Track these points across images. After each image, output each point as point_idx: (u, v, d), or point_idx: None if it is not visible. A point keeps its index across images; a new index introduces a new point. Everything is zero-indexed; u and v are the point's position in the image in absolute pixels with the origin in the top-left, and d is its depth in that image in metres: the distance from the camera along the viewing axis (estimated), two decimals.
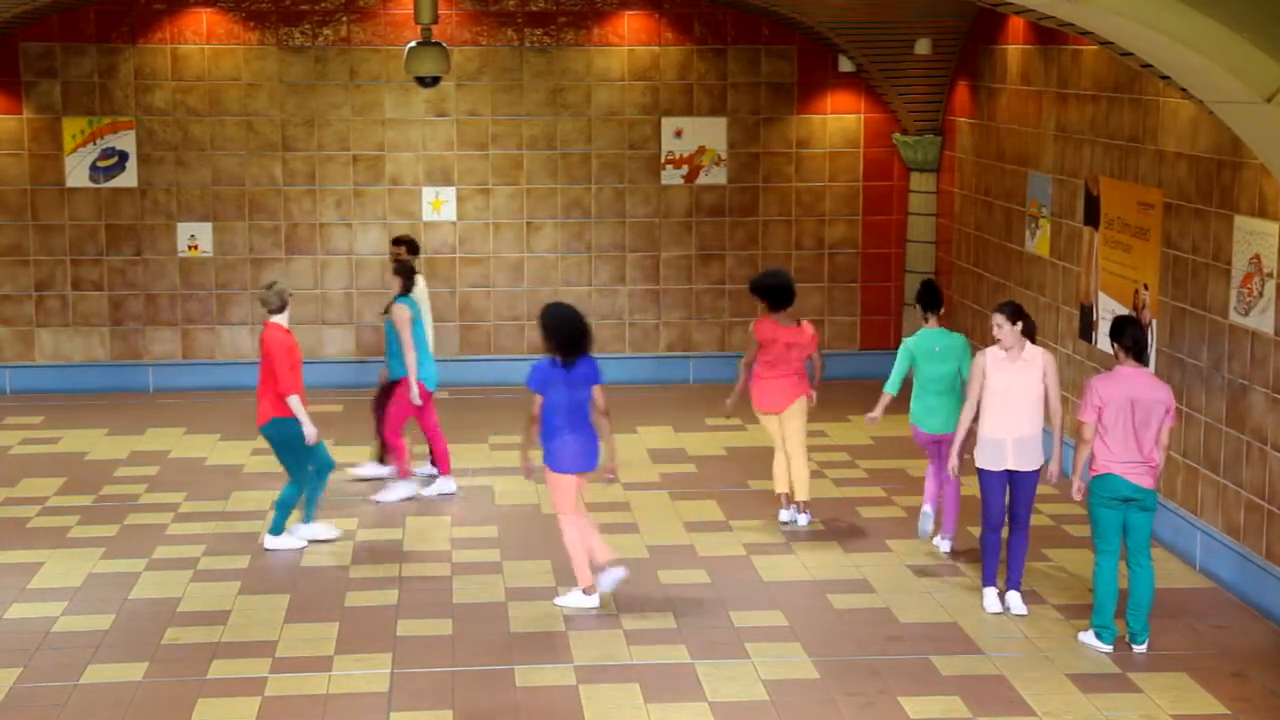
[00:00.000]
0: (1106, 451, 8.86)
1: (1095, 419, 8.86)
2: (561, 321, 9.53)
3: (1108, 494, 8.89)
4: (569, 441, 9.50)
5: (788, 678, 8.60)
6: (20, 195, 15.67)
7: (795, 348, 11.22)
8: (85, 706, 8.16)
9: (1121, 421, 8.81)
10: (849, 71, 16.23)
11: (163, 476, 12.70)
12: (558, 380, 9.47)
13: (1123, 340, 8.92)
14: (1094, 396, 8.86)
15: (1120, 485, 8.87)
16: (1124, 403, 8.81)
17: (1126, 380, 8.87)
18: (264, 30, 15.78)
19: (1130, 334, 8.91)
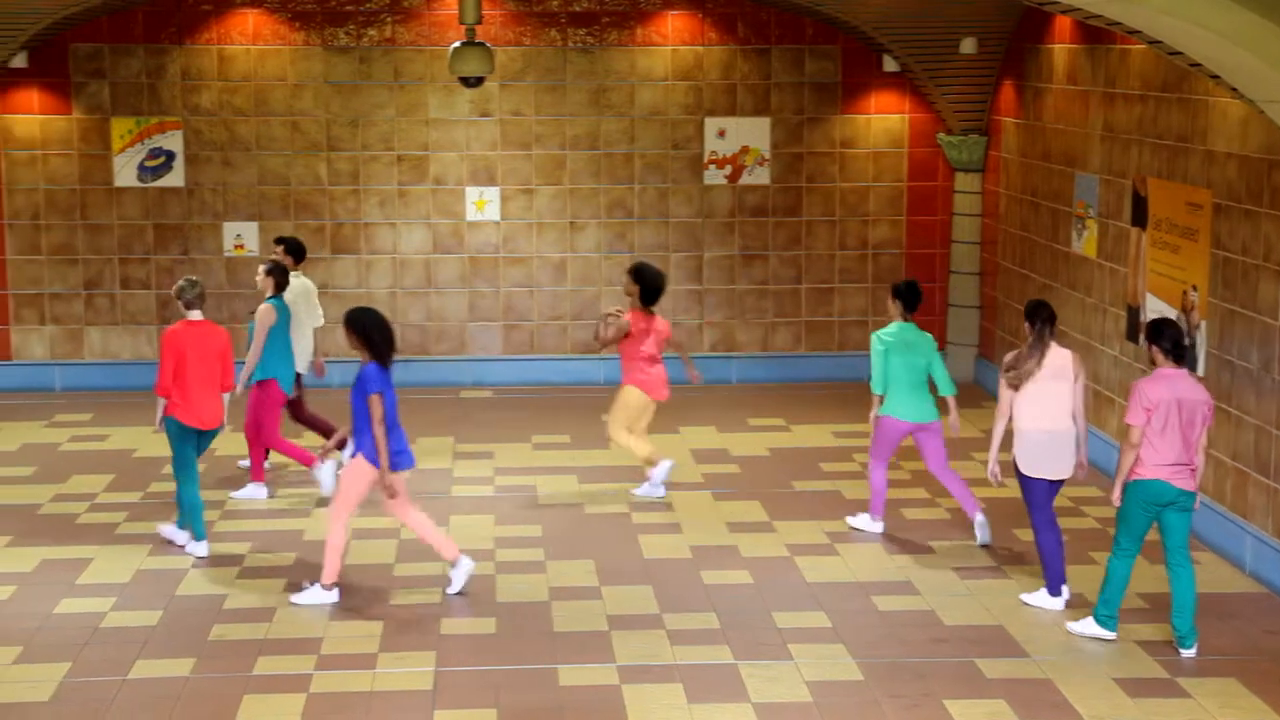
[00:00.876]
0: (1154, 455, 8.81)
1: (1144, 422, 8.79)
2: (383, 323, 9.71)
3: (1149, 498, 8.86)
4: (399, 437, 9.72)
5: (831, 679, 8.58)
6: (70, 195, 15.81)
7: (660, 334, 12.06)
8: (133, 701, 8.22)
9: (1169, 424, 8.76)
10: (894, 71, 16.17)
11: (209, 474, 12.77)
12: (387, 382, 9.65)
13: (1161, 342, 8.87)
14: (1143, 399, 8.79)
15: (1164, 490, 8.83)
16: (1171, 404, 8.76)
17: (1170, 382, 8.81)
18: (309, 31, 15.86)
19: (1169, 336, 8.86)
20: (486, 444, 13.78)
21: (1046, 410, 9.57)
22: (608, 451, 13.56)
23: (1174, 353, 8.85)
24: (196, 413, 10.55)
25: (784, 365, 16.46)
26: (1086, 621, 9.22)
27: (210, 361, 10.60)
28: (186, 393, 10.49)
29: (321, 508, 11.84)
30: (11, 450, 13.51)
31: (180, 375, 10.46)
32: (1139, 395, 8.81)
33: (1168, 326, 8.93)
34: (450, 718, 8.06)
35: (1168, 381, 8.82)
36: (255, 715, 8.05)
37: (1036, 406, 9.57)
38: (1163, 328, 8.92)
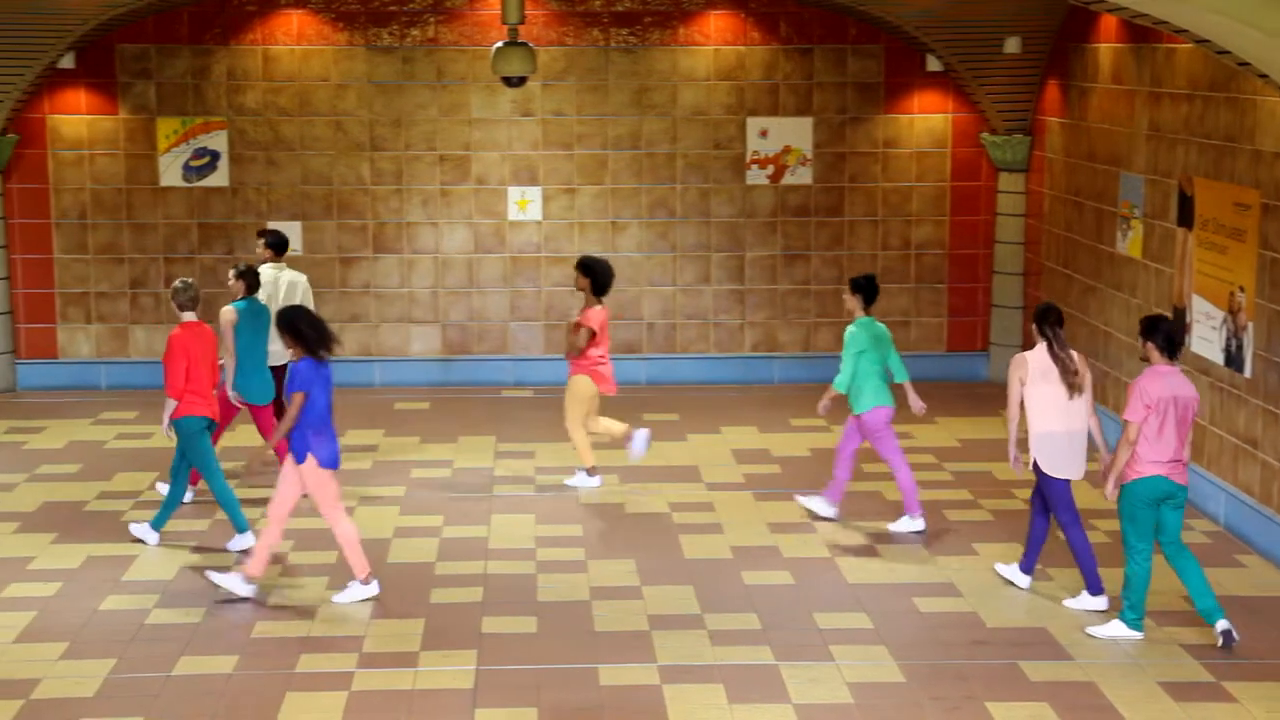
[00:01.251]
0: (1152, 452, 8.86)
1: (1144, 419, 8.82)
2: (311, 318, 9.71)
3: (1152, 495, 8.91)
4: (334, 438, 9.71)
5: (873, 681, 8.55)
6: (116, 194, 15.94)
7: (608, 325, 12.30)
8: (177, 697, 8.27)
9: (1167, 421, 8.82)
10: (937, 71, 16.11)
11: (253, 472, 12.83)
12: (320, 379, 9.61)
13: (1155, 338, 8.91)
14: (1144, 396, 8.83)
15: (1165, 485, 8.90)
16: (1169, 401, 8.83)
17: (1167, 379, 8.88)
18: (353, 31, 15.93)
19: (1164, 331, 8.89)
20: (527, 443, 13.81)
21: (1060, 412, 9.57)
22: (649, 451, 13.56)
23: (1168, 349, 8.90)
24: (207, 407, 10.71)
25: (826, 365, 16.37)
26: (1114, 624, 9.17)
27: (205, 362, 10.75)
28: (195, 390, 10.67)
29: (363, 506, 11.89)
30: (58, 448, 13.63)
31: (188, 375, 10.63)
32: (1140, 392, 8.83)
33: (1162, 322, 8.95)
34: (491, 716, 8.08)
35: (1165, 378, 8.86)
36: (298, 713, 8.09)
37: (1055, 408, 9.56)
38: (1157, 323, 8.95)
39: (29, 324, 16.04)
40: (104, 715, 8.02)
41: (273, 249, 12.86)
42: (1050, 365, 9.56)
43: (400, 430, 14.31)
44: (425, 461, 13.21)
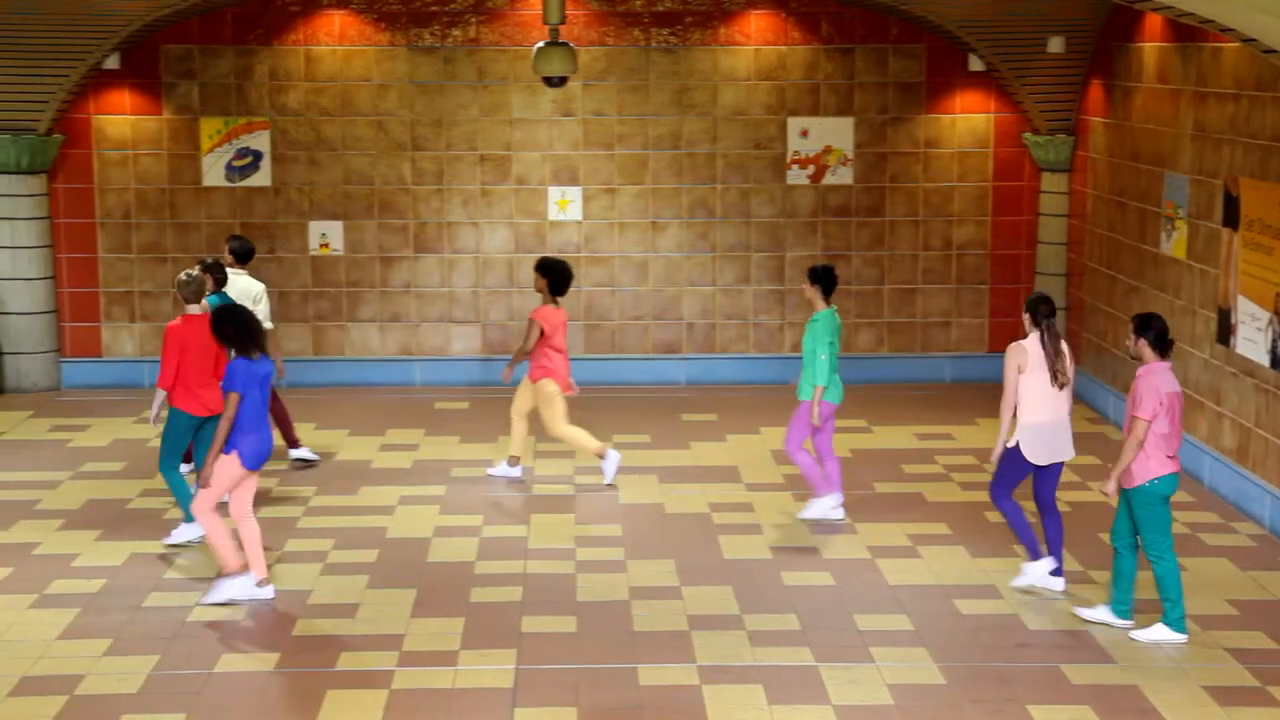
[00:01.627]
0: (1165, 448, 8.91)
1: (1154, 417, 8.86)
2: (239, 317, 9.71)
3: (1168, 492, 8.97)
4: (265, 439, 9.66)
5: (913, 682, 8.51)
6: (159, 194, 16.05)
7: (565, 325, 12.37)
8: (219, 695, 8.32)
9: (1173, 418, 8.92)
10: (979, 71, 16.03)
11: (293, 471, 12.92)
12: (254, 378, 9.61)
13: (1148, 335, 8.97)
14: (1156, 394, 8.87)
15: (1176, 481, 9.00)
16: (1173, 397, 8.92)
17: (1166, 375, 8.95)
18: (394, 32, 15.99)
19: (1156, 329, 8.95)
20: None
21: (1048, 402, 9.68)
22: (688, 451, 13.57)
23: (1161, 346, 8.96)
24: (201, 401, 10.75)
25: (866, 366, 16.36)
26: (1157, 628, 9.09)
27: (209, 354, 10.77)
28: (189, 384, 10.72)
29: (403, 506, 11.94)
30: (102, 445, 13.73)
31: (183, 368, 10.70)
32: (1151, 390, 8.86)
33: (1154, 320, 9.00)
34: (530, 716, 8.09)
35: (1164, 375, 8.94)
36: (338, 710, 8.12)
37: (1039, 399, 9.66)
38: (1148, 321, 9.00)
39: (73, 323, 16.17)
40: (146, 712, 8.07)
41: (234, 255, 12.87)
42: (1042, 354, 9.66)
43: (440, 430, 14.35)
44: (465, 461, 13.25)
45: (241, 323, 9.72)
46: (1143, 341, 8.98)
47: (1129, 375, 14.19)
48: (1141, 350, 9.00)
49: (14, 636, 9.11)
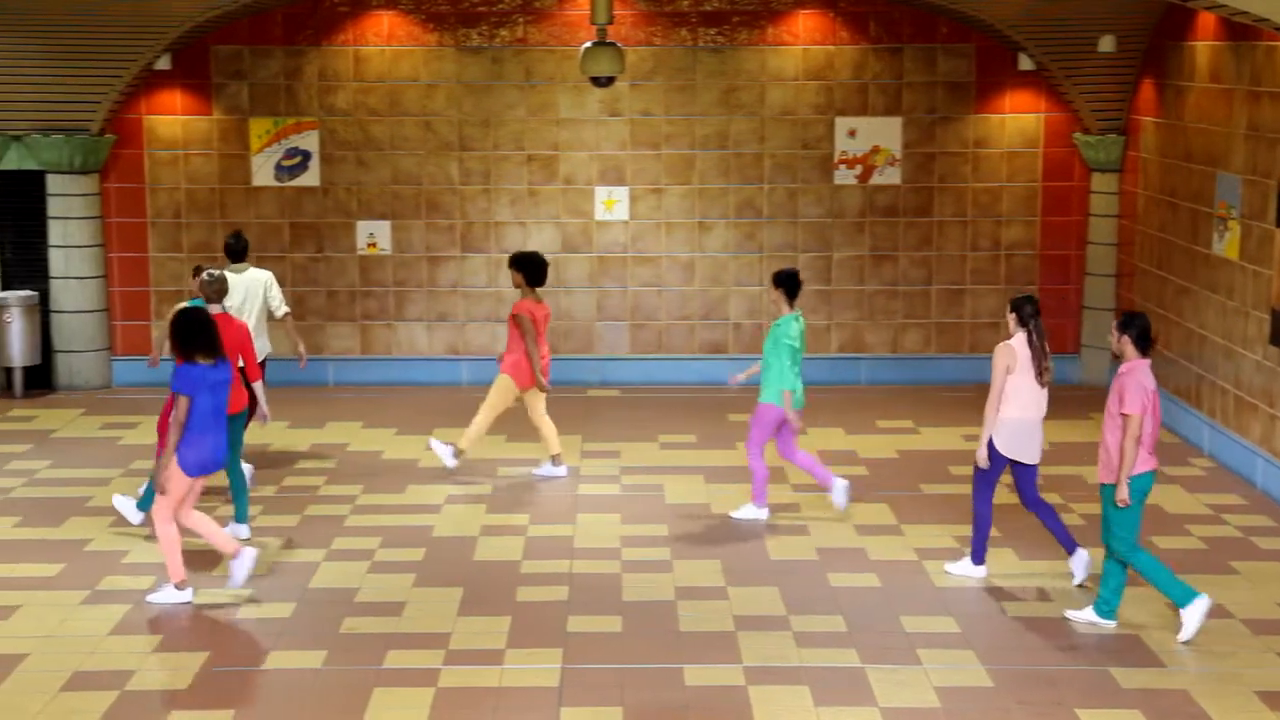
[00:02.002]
0: (1145, 445, 8.97)
1: (1144, 411, 8.92)
2: (186, 325, 9.50)
3: (1146, 488, 9.03)
4: (210, 446, 9.49)
5: (960, 685, 8.46)
6: (209, 194, 16.16)
7: (546, 320, 12.48)
8: (268, 691, 8.37)
9: (1154, 414, 8.97)
10: (1029, 70, 15.93)
11: (341, 469, 12.98)
12: (203, 383, 9.44)
13: (1131, 333, 9.02)
14: (1142, 390, 8.92)
15: (1153, 478, 9.06)
16: (1154, 395, 8.99)
17: (1147, 372, 9.02)
18: (442, 32, 16.04)
19: (1139, 326, 9.01)
20: (613, 443, 13.83)
21: (1032, 399, 9.85)
22: (734, 451, 13.54)
23: (1141, 343, 9.01)
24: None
25: (913, 367, 16.29)
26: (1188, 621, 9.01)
27: (228, 352, 10.70)
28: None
29: (450, 505, 11.97)
30: (152, 443, 13.80)
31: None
32: (1137, 385, 8.89)
33: (1137, 318, 9.06)
34: (576, 715, 8.09)
35: (1147, 372, 9.02)
36: (385, 708, 8.15)
37: (1024, 396, 9.81)
38: (1132, 319, 9.06)
39: (125, 321, 16.31)
40: (196, 707, 8.13)
41: (226, 254, 12.89)
42: (1029, 354, 9.78)
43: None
44: (511, 460, 13.27)
45: (186, 328, 9.49)
46: (1125, 338, 9.04)
47: (1180, 378, 14.06)
48: (1124, 347, 9.06)
49: (66, 632, 9.20)
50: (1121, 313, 9.16)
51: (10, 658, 8.75)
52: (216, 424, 9.52)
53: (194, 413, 9.41)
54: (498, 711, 8.13)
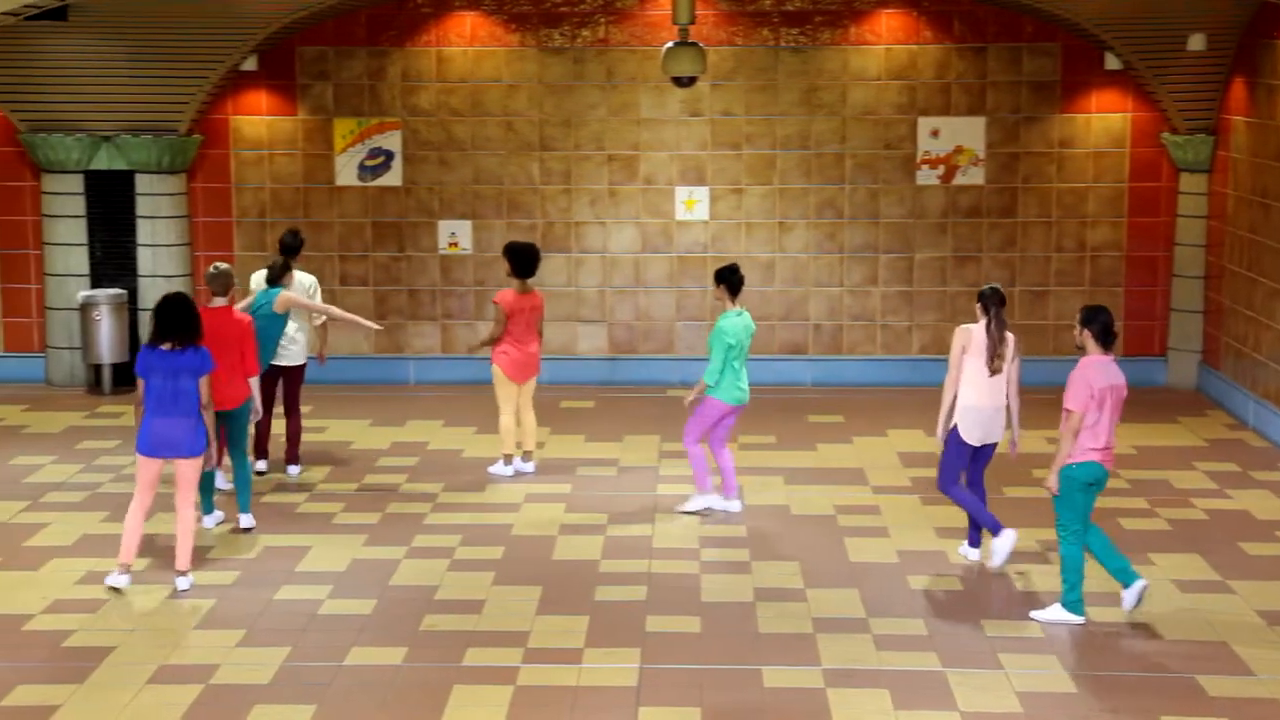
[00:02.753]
0: (1089, 439, 9.03)
1: (1086, 408, 8.97)
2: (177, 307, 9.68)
3: (1089, 479, 9.11)
4: (156, 427, 9.62)
5: (1043, 690, 8.36)
6: (294, 194, 16.32)
7: (535, 312, 12.45)
8: (348, 687, 8.43)
9: (1104, 410, 9.03)
10: (1116, 69, 15.73)
11: (422, 467, 13.06)
12: (156, 367, 9.60)
13: (1092, 327, 9.10)
14: (1087, 387, 8.99)
15: (1099, 471, 9.11)
16: (1106, 390, 9.04)
17: (1105, 368, 9.07)
18: (524, 32, 16.10)
19: (1101, 322, 9.09)
20: None
21: (985, 387, 10.03)
22: (814, 453, 13.49)
23: (1104, 338, 9.10)
24: (219, 393, 10.76)
25: None
26: (1054, 609, 9.30)
27: (228, 347, 10.85)
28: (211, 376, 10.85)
29: (529, 504, 12.00)
30: None
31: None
32: (1083, 382, 8.99)
33: (1099, 313, 9.13)
34: (654, 715, 8.08)
35: (1103, 368, 9.07)
36: (464, 705, 8.18)
37: (979, 383, 10.02)
38: (1095, 313, 9.13)
39: None
40: (278, 702, 8.20)
41: (281, 248, 12.88)
42: (984, 340, 10.03)
43: (566, 428, 14.42)
44: (590, 460, 13.29)
45: (157, 312, 9.75)
46: (1087, 333, 9.11)
47: (1271, 381, 13.82)
48: (1085, 340, 9.14)
49: (152, 626, 9.32)
50: (1084, 306, 9.32)
51: (98, 650, 8.88)
52: (173, 408, 9.66)
53: (146, 395, 9.68)
54: (575, 710, 8.14)
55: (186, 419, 9.70)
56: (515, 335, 12.42)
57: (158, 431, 9.68)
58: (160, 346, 9.66)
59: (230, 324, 10.96)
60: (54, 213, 16.01)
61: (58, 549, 10.79)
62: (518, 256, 12.43)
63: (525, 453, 12.75)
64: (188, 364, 9.68)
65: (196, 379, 9.70)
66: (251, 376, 11.15)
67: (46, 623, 9.33)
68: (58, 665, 8.66)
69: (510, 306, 12.36)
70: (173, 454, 9.74)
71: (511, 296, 12.39)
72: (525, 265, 12.41)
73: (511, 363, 12.45)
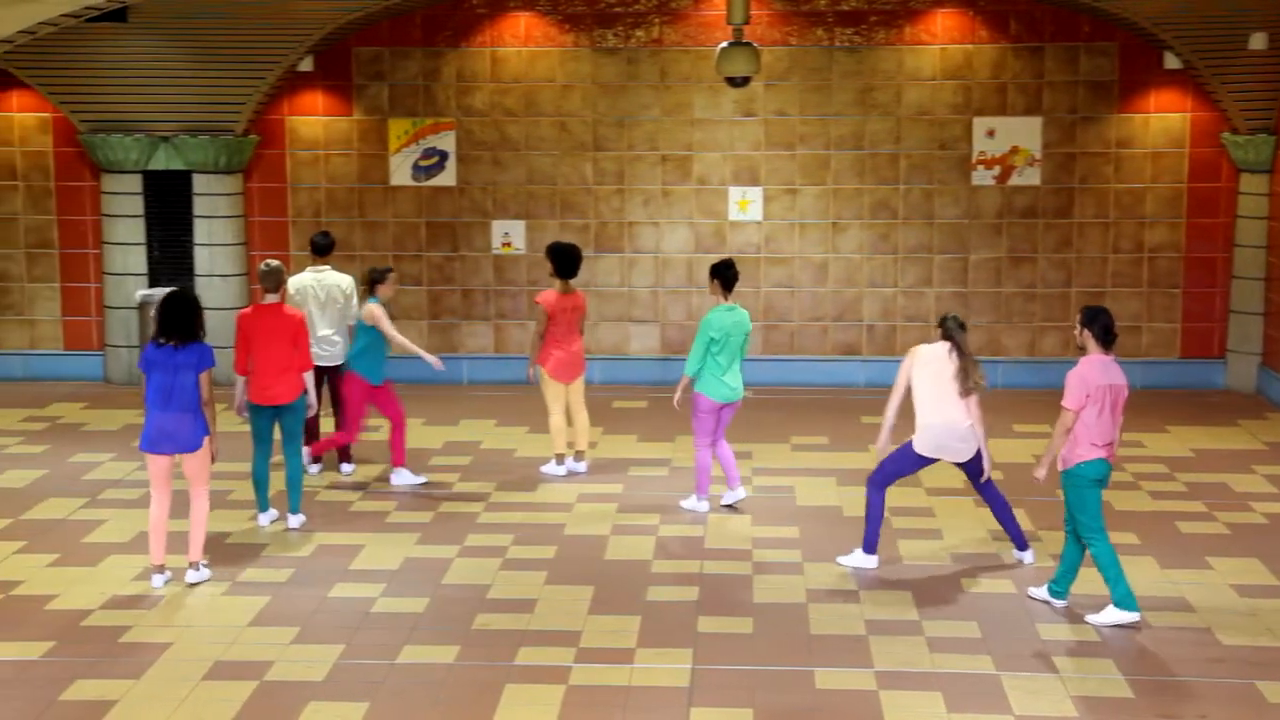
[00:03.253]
0: (1093, 436, 9.14)
1: (1082, 407, 9.11)
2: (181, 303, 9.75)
3: (1096, 475, 9.20)
4: (154, 422, 9.70)
5: (1098, 695, 8.29)
6: (349, 193, 16.42)
7: (577, 312, 12.45)
8: (401, 685, 8.47)
9: (1105, 407, 9.13)
10: (1175, 68, 15.58)
11: (474, 466, 13.11)
12: (156, 362, 9.68)
13: (1093, 328, 9.21)
14: (1084, 385, 9.11)
15: (1105, 467, 9.20)
16: (1105, 389, 9.14)
17: (1105, 367, 9.18)
18: (579, 33, 16.12)
19: (1101, 322, 9.21)
20: (745, 444, 13.77)
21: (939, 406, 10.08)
22: (867, 454, 13.43)
23: (1104, 338, 9.22)
24: (262, 390, 10.98)
25: (1051, 371, 15.99)
26: (1109, 611, 9.26)
27: (280, 343, 10.93)
28: (255, 373, 11.00)
29: (581, 504, 12.02)
30: None
31: (252, 357, 11.00)
32: (1080, 381, 9.11)
33: (1100, 313, 9.25)
34: (706, 715, 8.06)
35: (1102, 367, 9.17)
36: (517, 704, 8.20)
37: (944, 402, 10.06)
38: (1096, 314, 9.25)
39: None
40: (332, 699, 8.25)
41: (312, 248, 12.95)
42: (940, 360, 10.08)
43: (618, 428, 14.42)
44: (642, 460, 13.29)
45: (161, 308, 9.82)
46: (1088, 333, 9.22)
47: None
48: (1086, 340, 9.25)
49: (208, 622, 9.40)
50: (1084, 307, 9.42)
51: (155, 646, 8.96)
52: (172, 403, 9.73)
53: (148, 391, 9.78)
54: (627, 710, 8.13)
55: (185, 414, 9.79)
56: (558, 336, 12.44)
57: (158, 426, 9.80)
58: (161, 343, 9.78)
59: (282, 320, 11.06)
60: (113, 212, 16.18)
61: (115, 545, 10.90)
62: (560, 257, 12.44)
63: (577, 452, 12.76)
64: (187, 360, 9.78)
65: (197, 374, 9.79)
66: (305, 371, 11.22)
67: (104, 618, 9.43)
68: (115, 660, 8.74)
69: (552, 307, 12.38)
70: (173, 449, 9.84)
71: (554, 297, 12.41)
72: (567, 265, 12.42)
73: (557, 363, 12.47)
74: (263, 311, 11.04)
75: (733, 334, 11.40)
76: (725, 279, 11.48)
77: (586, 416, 12.82)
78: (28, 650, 8.86)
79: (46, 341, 16.75)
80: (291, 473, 11.28)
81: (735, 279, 11.53)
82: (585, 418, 12.78)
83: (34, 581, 10.09)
